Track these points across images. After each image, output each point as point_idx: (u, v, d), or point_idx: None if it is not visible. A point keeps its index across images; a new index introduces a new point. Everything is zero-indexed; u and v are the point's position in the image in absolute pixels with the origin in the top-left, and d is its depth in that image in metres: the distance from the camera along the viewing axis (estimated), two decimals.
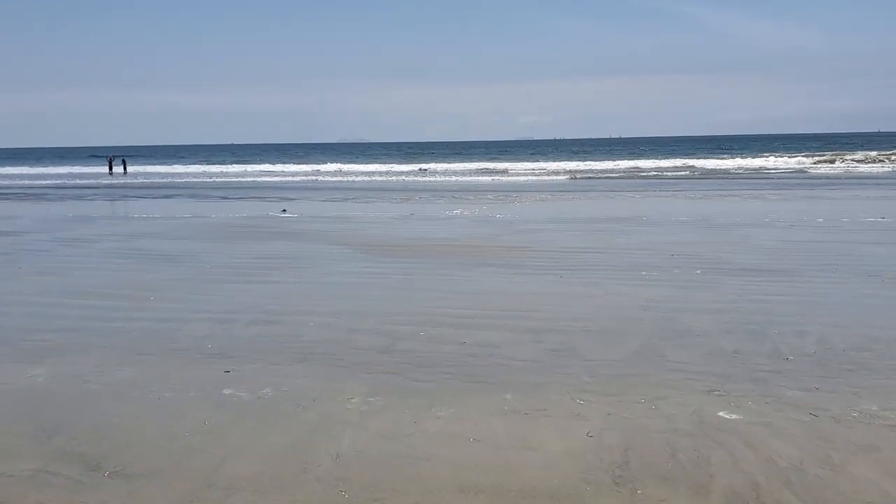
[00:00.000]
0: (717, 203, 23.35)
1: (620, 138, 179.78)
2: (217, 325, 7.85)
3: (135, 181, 45.26)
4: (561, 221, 17.94)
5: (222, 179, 45.76)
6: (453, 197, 27.56)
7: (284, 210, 22.29)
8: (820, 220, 17.43)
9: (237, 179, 45.29)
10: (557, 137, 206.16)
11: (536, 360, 6.37)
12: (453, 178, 43.17)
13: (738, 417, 4.98)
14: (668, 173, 44.26)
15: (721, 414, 5.05)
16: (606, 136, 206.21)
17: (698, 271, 10.66)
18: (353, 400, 5.48)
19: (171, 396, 5.64)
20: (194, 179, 46.01)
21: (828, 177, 38.71)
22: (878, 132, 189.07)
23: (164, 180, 45.47)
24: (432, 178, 43.62)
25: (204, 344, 7.14)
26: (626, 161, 58.10)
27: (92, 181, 45.21)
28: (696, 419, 4.97)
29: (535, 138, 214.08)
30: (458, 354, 6.62)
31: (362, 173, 50.77)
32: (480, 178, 44.17)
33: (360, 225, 17.76)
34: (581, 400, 5.34)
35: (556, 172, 48.08)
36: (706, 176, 40.99)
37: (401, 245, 13.97)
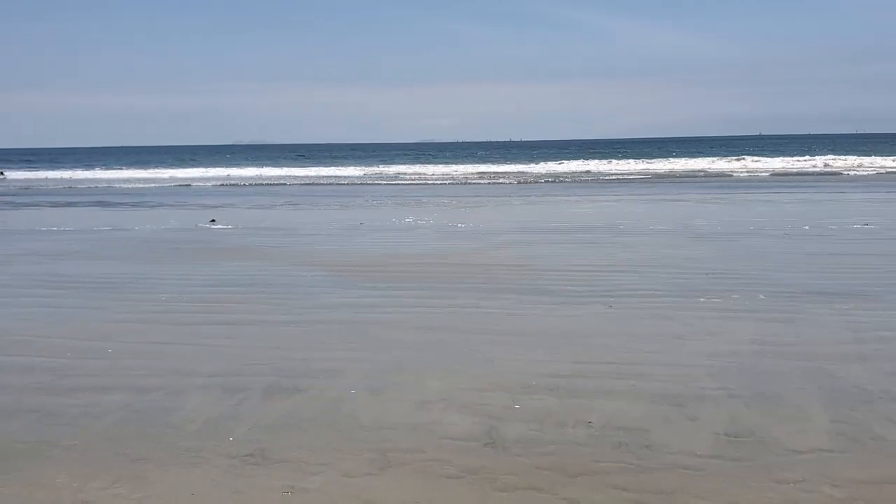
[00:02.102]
0: (667, 207, 22.13)
1: (521, 141, 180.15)
2: (224, 398, 5.66)
3: (22, 187, 41.15)
4: (534, 231, 16.20)
5: (122, 185, 42.17)
6: (392, 203, 25.52)
7: (213, 220, 19.76)
8: (806, 227, 16.27)
9: (142, 186, 41.76)
10: (459, 140, 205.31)
11: (723, 456, 4.50)
12: (375, 183, 41.06)
13: None
14: (588, 177, 43.39)
15: None
16: (507, 139, 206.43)
17: (762, 296, 9.04)
18: None
19: None
20: (94, 185, 42.17)
21: (750, 179, 38.58)
22: (760, 135, 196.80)
23: (59, 186, 41.52)
24: (356, 184, 41.35)
25: (222, 434, 4.95)
26: (549, 164, 56.99)
27: None
28: None
29: (437, 140, 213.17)
30: (603, 446, 4.68)
31: (282, 177, 47.84)
32: (400, 182, 42.20)
33: (313, 238, 15.55)
34: None
35: (480, 174, 46.54)
36: (622, 180, 40.30)
37: (382, 265, 11.89)
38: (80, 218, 21.27)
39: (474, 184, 38.67)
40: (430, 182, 40.72)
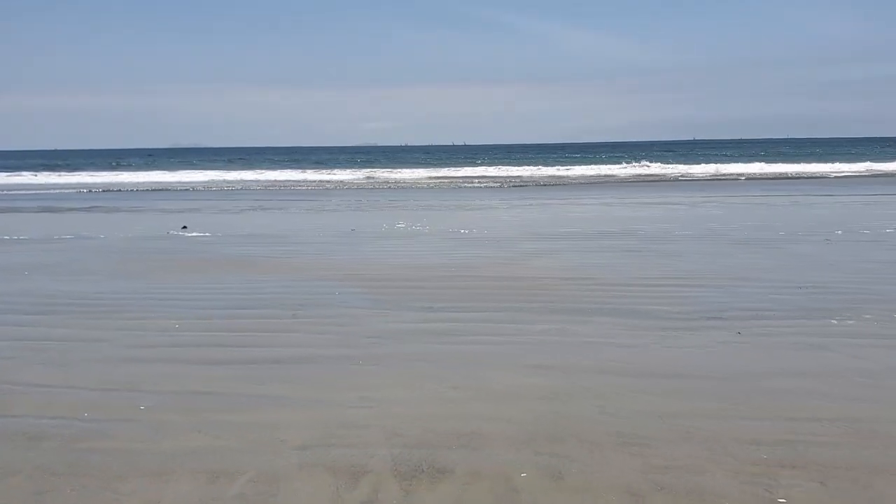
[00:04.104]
0: (667, 210, 20.85)
1: (466, 145, 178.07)
2: (345, 488, 4.04)
3: None
4: (552, 238, 14.75)
5: (62, 191, 39.39)
6: (369, 207, 23.79)
7: (185, 227, 17.75)
8: (839, 232, 15.12)
9: (84, 191, 39.05)
10: (403, 144, 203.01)
11: None
12: (337, 188, 39.21)
13: None
14: (551, 181, 42.30)
15: None
16: (450, 142, 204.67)
17: None
18: None
19: None
20: (31, 191, 39.24)
21: (725, 182, 37.98)
22: (694, 139, 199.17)
23: None
24: (314, 189, 39.39)
25: None
26: (506, 168, 55.75)
27: None
28: None
29: (380, 144, 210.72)
30: None
31: (235, 181, 45.49)
32: (364, 186, 40.43)
33: (312, 247, 13.78)
34: None
35: (436, 178, 45.02)
36: (590, 183, 39.35)
37: (415, 278, 10.25)
38: (33, 225, 18.95)
39: (439, 187, 37.09)
40: (393, 187, 39.00)
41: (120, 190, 36.77)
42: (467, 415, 4.99)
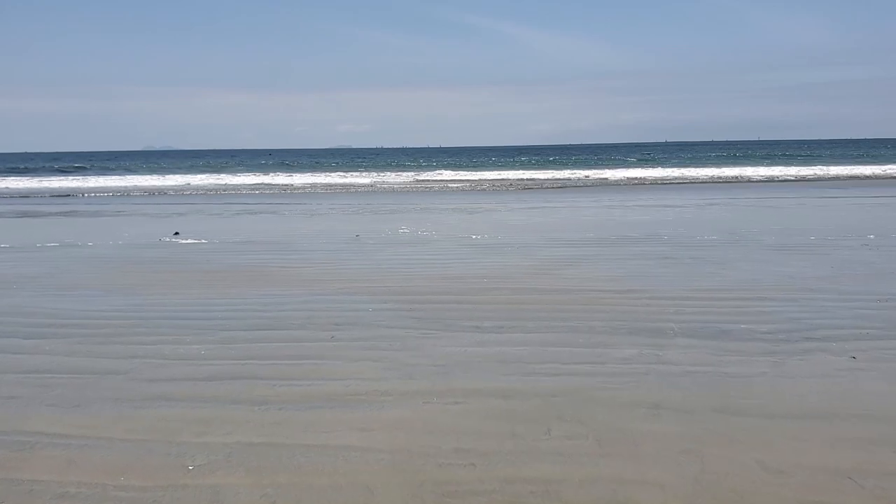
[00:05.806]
0: (678, 212, 20.05)
1: (441, 148, 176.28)
2: None
3: None
4: (573, 244, 13.89)
5: (42, 195, 37.84)
6: (365, 211, 22.75)
7: (177, 233, 16.62)
8: (871, 236, 14.43)
9: (58, 196, 37.56)
10: (379, 146, 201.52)
11: None
12: (325, 192, 38.07)
13: None
14: (535, 184, 41.53)
15: None
16: (425, 145, 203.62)
17: None
18: None
19: None
20: (8, 196, 37.65)
21: (719, 183, 37.42)
22: (665, 142, 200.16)
23: None
24: (300, 192, 38.22)
25: None
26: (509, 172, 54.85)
27: None
28: None
29: (354, 147, 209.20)
30: None
31: (214, 186, 44.12)
32: (352, 190, 39.31)
33: (321, 255, 12.77)
34: None
35: (423, 181, 44.02)
36: (578, 186, 38.68)
37: (447, 292, 9.30)
38: (12, 232, 17.67)
39: (429, 191, 36.10)
40: (382, 190, 37.94)
41: (98, 194, 35.28)
42: (603, 476, 4.02)
